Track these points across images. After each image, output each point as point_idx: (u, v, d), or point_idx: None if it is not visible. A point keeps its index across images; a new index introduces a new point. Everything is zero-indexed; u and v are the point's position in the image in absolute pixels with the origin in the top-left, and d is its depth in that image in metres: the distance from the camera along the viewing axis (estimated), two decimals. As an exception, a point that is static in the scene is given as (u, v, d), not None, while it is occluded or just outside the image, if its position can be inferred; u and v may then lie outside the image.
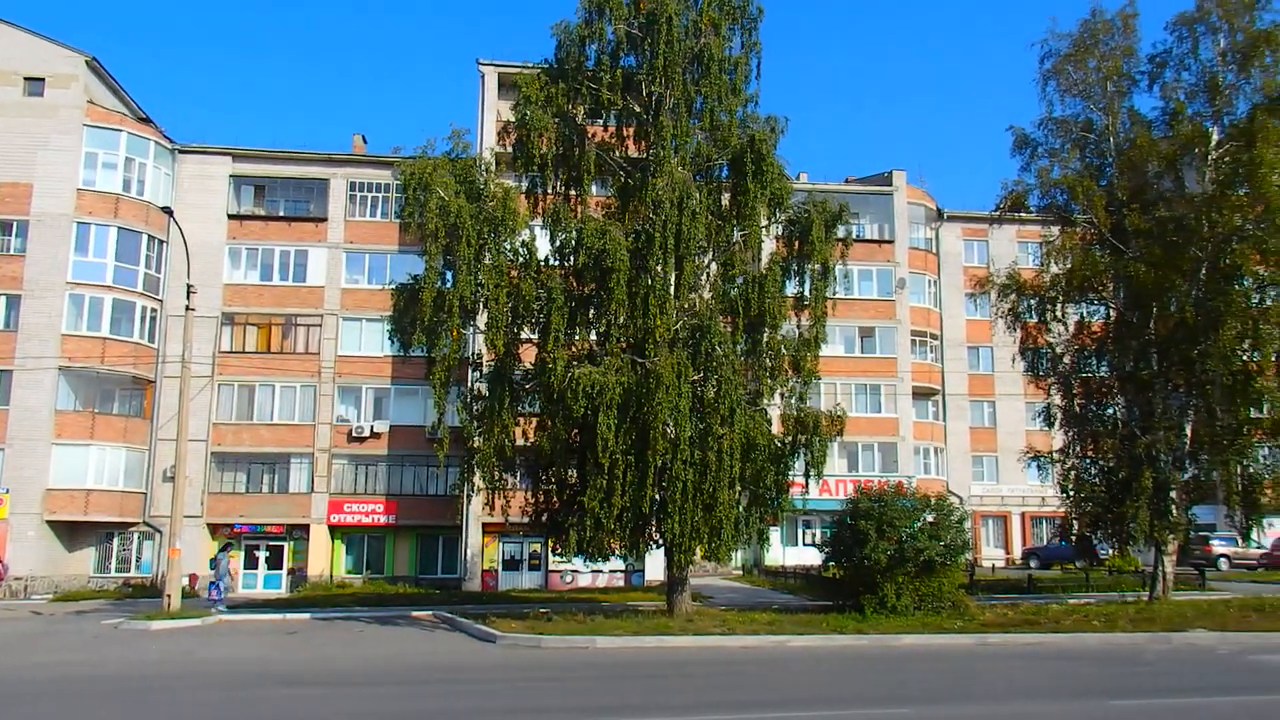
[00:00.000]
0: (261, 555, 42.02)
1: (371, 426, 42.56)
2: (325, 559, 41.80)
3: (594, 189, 27.15)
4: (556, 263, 24.79)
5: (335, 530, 42.48)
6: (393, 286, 25.31)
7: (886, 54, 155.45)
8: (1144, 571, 32.88)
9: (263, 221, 44.57)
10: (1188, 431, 27.70)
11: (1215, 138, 28.10)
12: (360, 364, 43.15)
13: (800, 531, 48.36)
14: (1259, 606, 24.36)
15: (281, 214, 45.00)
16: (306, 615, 27.89)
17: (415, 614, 27.67)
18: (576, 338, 24.53)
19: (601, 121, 26.73)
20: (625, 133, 26.25)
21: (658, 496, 23.27)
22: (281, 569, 41.70)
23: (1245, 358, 26.54)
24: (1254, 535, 29.60)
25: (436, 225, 23.04)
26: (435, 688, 15.86)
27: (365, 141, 48.94)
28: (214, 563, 31.57)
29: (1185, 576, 33.53)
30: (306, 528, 41.81)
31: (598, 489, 22.30)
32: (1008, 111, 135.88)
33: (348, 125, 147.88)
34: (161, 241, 41.69)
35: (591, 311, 24.51)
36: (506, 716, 13.23)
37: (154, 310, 41.45)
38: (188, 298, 29.13)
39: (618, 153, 26.12)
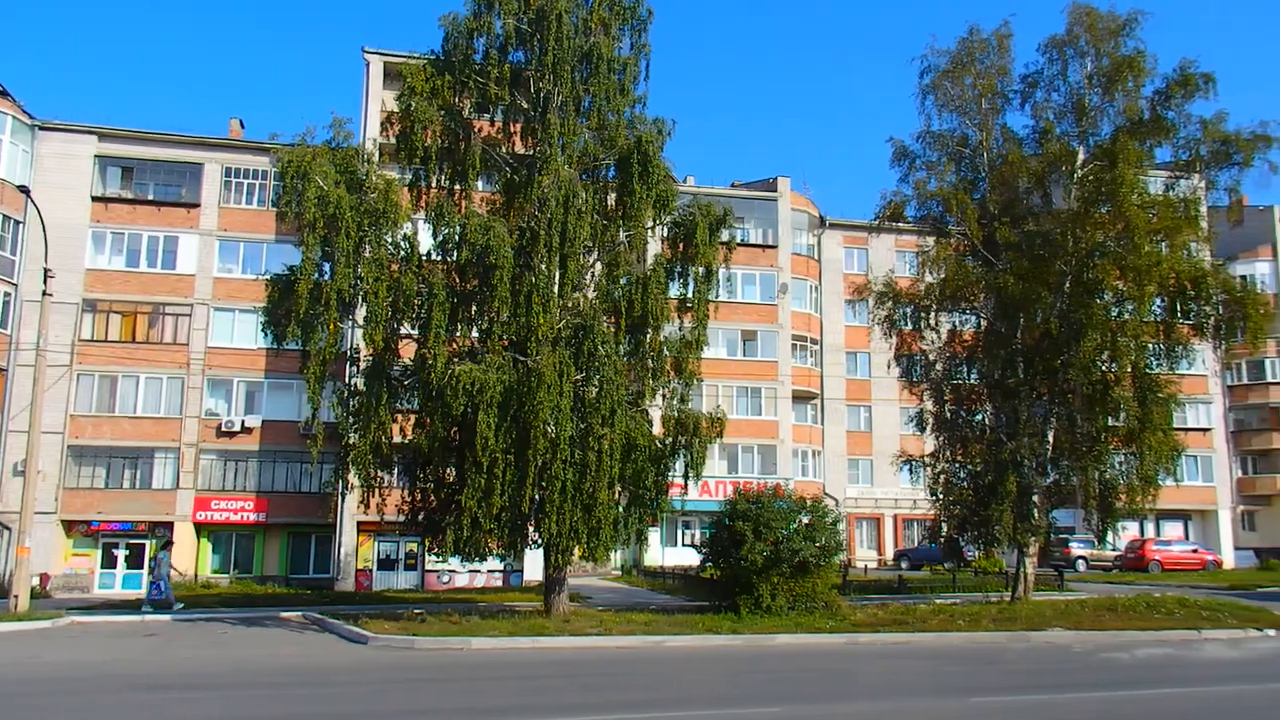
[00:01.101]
0: (120, 554, 40.24)
1: (243, 421, 41.17)
2: (190, 558, 40.19)
3: (479, 184, 26.80)
4: (439, 258, 24.42)
5: (201, 528, 40.96)
6: (268, 277, 24.49)
7: (776, 64, 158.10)
8: (1007, 573, 34.04)
9: (130, 205, 42.54)
10: (1050, 438, 28.68)
11: (1081, 157, 29.16)
12: (232, 356, 41.69)
13: (680, 532, 48.80)
14: (1111, 606, 25.46)
15: (151, 198, 43.01)
16: (167, 616, 26.80)
17: (284, 614, 26.87)
18: (458, 334, 24.20)
19: (489, 116, 26.42)
20: (512, 129, 25.99)
21: (537, 496, 23.10)
22: (142, 568, 39.87)
23: (1104, 368, 27.60)
24: (1109, 538, 30.92)
25: (315, 215, 22.39)
26: (302, 690, 15.38)
27: (243, 126, 47.26)
28: (154, 563, 30.25)
29: (1045, 577, 34.88)
30: (170, 525, 40.17)
31: (476, 488, 22.00)
32: (889, 123, 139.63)
33: (225, 109, 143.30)
34: (18, 222, 39.52)
35: (474, 308, 24.19)
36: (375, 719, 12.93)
37: (8, 294, 39.24)
38: (45, 282, 27.66)
39: (504, 148, 25.84)
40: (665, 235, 26.21)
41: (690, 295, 25.46)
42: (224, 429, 41.14)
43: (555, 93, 24.25)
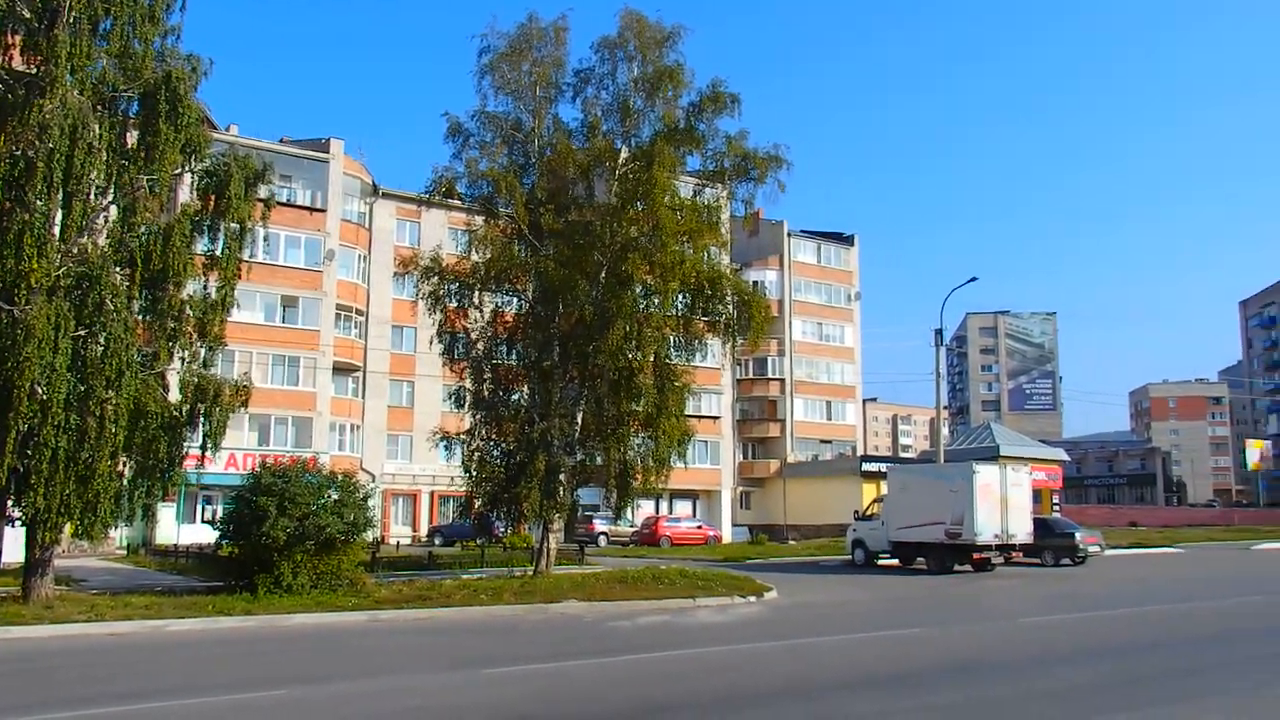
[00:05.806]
0: None
1: None
2: None
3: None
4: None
5: None
6: None
7: (344, 23, 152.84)
8: (535, 548, 35.31)
9: None
10: (579, 420, 29.94)
11: (623, 155, 30.58)
12: None
13: (201, 508, 45.65)
14: (623, 579, 27.25)
15: None
16: None
17: None
18: (-78, 274, 20.37)
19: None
20: (11, 40, 22.23)
21: (21, 466, 20.18)
22: None
23: (630, 356, 29.24)
24: (627, 514, 33.16)
25: None
26: None
27: None
28: None
29: (568, 552, 36.62)
30: None
31: (-63, 455, 18.74)
32: (451, 98, 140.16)
33: None
34: None
35: (-53, 245, 20.51)
36: None
37: None
38: None
39: (-1, 61, 22.15)
40: (196, 184, 23.93)
41: (220, 252, 23.50)
42: None
43: (66, 6, 21.17)
